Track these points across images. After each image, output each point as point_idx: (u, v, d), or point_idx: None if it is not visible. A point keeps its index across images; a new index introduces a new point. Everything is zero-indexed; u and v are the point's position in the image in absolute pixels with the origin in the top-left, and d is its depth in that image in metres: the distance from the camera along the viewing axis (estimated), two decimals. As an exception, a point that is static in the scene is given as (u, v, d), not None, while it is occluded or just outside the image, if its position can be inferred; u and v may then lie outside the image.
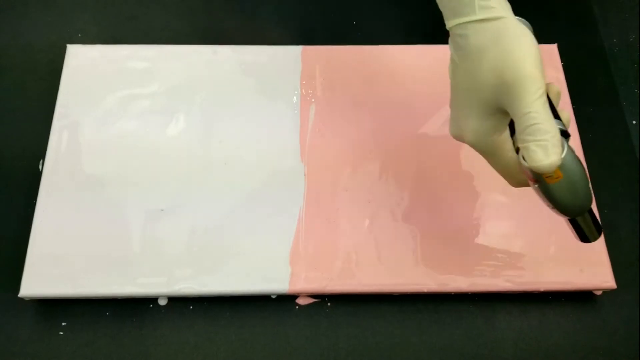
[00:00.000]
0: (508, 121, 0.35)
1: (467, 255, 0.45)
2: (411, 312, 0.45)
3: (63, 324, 0.44)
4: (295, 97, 0.51)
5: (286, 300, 0.45)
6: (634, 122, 0.54)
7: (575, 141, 0.50)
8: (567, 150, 0.32)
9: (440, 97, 0.51)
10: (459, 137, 0.37)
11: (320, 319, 0.45)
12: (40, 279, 0.43)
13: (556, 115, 0.33)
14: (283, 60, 0.53)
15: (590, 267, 0.45)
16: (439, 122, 0.50)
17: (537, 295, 0.46)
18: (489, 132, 0.35)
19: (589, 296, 0.46)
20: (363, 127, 0.50)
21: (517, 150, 0.34)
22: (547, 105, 0.31)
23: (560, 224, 0.46)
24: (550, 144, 0.31)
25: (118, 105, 0.50)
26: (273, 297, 0.45)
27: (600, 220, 0.46)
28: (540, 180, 0.33)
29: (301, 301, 0.46)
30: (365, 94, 0.52)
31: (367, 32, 0.57)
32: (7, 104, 0.53)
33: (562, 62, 0.54)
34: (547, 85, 0.34)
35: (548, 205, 0.35)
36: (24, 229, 0.46)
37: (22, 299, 0.44)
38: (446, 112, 0.51)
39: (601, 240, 0.46)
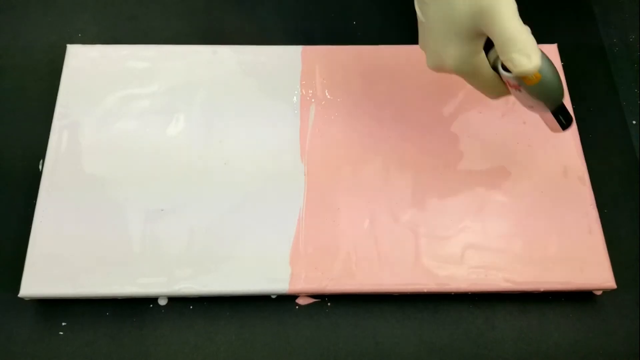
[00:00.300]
0: (484, 42, 0.39)
1: (467, 255, 0.45)
2: (411, 312, 0.45)
3: (63, 324, 0.45)
4: (295, 97, 0.51)
5: (286, 300, 0.46)
6: (634, 122, 0.54)
7: (575, 141, 0.50)
8: (542, 54, 0.37)
9: (441, 97, 0.52)
10: (438, 67, 0.41)
11: (320, 319, 0.45)
12: (40, 279, 0.43)
13: None
14: (283, 60, 0.53)
15: (590, 267, 0.45)
16: (439, 121, 0.50)
17: (537, 295, 0.46)
18: (469, 56, 0.39)
19: (589, 296, 0.46)
20: (363, 127, 0.50)
21: (493, 66, 0.40)
22: (520, 20, 0.36)
23: (560, 224, 0.47)
24: (530, 50, 0.35)
25: (118, 105, 0.50)
26: (273, 297, 0.45)
27: (601, 220, 0.47)
28: (522, 84, 0.37)
29: (301, 301, 0.46)
30: (365, 94, 0.52)
31: (367, 32, 0.57)
32: (7, 104, 0.53)
33: (562, 62, 0.54)
34: None
35: (528, 106, 0.41)
36: (24, 229, 0.46)
37: (22, 299, 0.44)
38: (447, 111, 0.51)
39: (601, 240, 0.46)
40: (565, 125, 0.42)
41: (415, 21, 0.42)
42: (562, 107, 0.41)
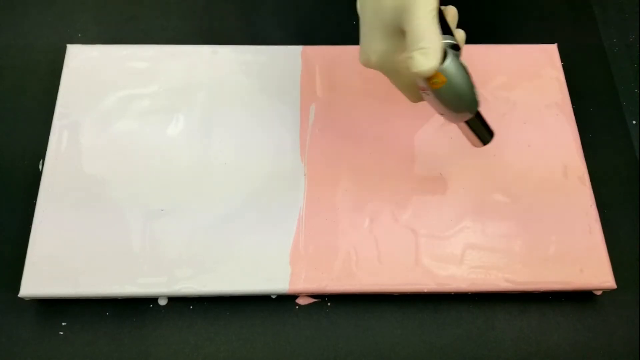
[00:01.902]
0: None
1: (467, 255, 0.45)
2: (411, 312, 0.45)
3: (63, 324, 0.45)
4: (295, 97, 0.51)
5: (286, 300, 0.46)
6: (634, 122, 0.54)
7: (575, 141, 0.50)
8: (452, 59, 0.36)
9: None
10: (366, 62, 0.40)
11: (320, 319, 0.45)
12: (40, 279, 0.43)
13: (450, 32, 0.39)
14: (283, 60, 0.53)
15: (590, 267, 0.45)
16: (439, 122, 0.50)
17: (537, 295, 0.46)
18: (390, 52, 0.38)
19: (589, 296, 0.46)
20: (363, 127, 0.50)
21: None
22: (434, 21, 0.36)
23: (560, 224, 0.47)
24: (430, 50, 0.35)
25: (118, 105, 0.50)
26: (273, 297, 0.45)
27: (601, 220, 0.47)
28: (428, 88, 0.37)
29: (301, 301, 0.46)
30: (365, 94, 0.52)
31: (367, 32, 0.57)
32: (7, 104, 0.53)
33: (562, 62, 0.54)
34: (445, 8, 0.40)
35: (440, 113, 0.40)
36: (24, 229, 0.46)
37: (22, 299, 0.44)
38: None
39: (601, 240, 0.46)
40: (484, 140, 0.42)
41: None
42: (477, 120, 0.40)
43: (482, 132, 0.41)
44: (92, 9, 0.58)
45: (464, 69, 0.37)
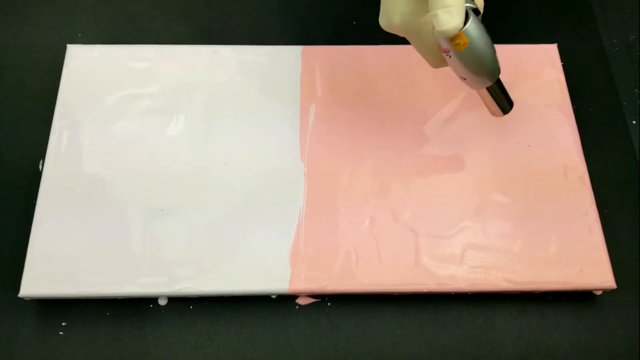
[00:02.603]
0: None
1: (467, 255, 0.45)
2: (411, 312, 0.45)
3: (63, 324, 0.45)
4: (295, 97, 0.51)
5: (286, 300, 0.46)
6: (634, 122, 0.54)
7: (575, 141, 0.50)
8: (473, 20, 0.37)
9: (441, 97, 0.52)
10: (387, 25, 0.40)
11: (320, 319, 0.45)
12: (40, 279, 0.43)
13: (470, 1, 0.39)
14: (283, 60, 0.53)
15: (590, 267, 0.45)
16: (439, 122, 0.50)
17: (537, 295, 0.46)
18: (413, 13, 0.39)
19: (589, 296, 0.46)
20: (363, 127, 0.50)
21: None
22: None
23: (560, 224, 0.47)
24: (454, 9, 0.35)
25: (118, 105, 0.50)
26: (273, 297, 0.45)
27: (601, 220, 0.47)
28: (451, 49, 0.37)
29: (301, 301, 0.46)
30: (365, 94, 0.52)
31: (367, 32, 0.57)
32: (7, 104, 0.53)
33: (562, 62, 0.54)
34: None
35: (462, 78, 0.40)
36: (24, 229, 0.46)
37: (22, 299, 0.44)
38: (447, 111, 0.51)
39: (601, 240, 0.46)
40: (505, 109, 0.43)
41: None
42: (498, 88, 0.41)
43: (502, 100, 0.42)
44: (92, 9, 0.58)
45: (486, 32, 0.38)
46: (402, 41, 0.54)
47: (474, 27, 0.37)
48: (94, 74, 0.51)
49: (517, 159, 0.49)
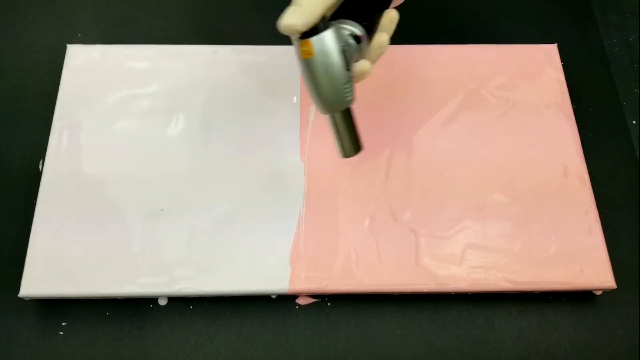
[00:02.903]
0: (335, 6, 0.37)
1: (467, 255, 0.45)
2: (411, 312, 0.45)
3: (63, 324, 0.45)
4: (295, 97, 0.51)
5: (286, 300, 0.46)
6: (634, 122, 0.54)
7: (575, 141, 0.50)
8: (330, 36, 0.35)
9: (441, 97, 0.52)
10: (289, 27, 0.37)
11: (320, 319, 0.45)
12: (40, 279, 0.43)
13: (371, 29, 0.38)
14: (283, 60, 0.53)
15: (590, 267, 0.45)
16: (439, 122, 0.50)
17: (537, 295, 0.46)
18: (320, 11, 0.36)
19: (589, 296, 0.46)
20: (363, 127, 0.50)
21: None
22: None
23: (560, 224, 0.47)
24: (302, 10, 0.34)
25: (118, 105, 0.50)
26: (273, 297, 0.45)
27: (601, 220, 0.47)
28: (297, 52, 0.35)
29: (301, 301, 0.46)
30: (365, 94, 0.51)
31: (367, 32, 0.57)
32: (7, 104, 0.53)
33: (562, 62, 0.54)
34: (388, 11, 0.39)
35: (309, 92, 0.37)
36: (24, 229, 0.46)
37: (22, 299, 0.44)
38: (447, 111, 0.51)
39: (601, 240, 0.46)
40: (345, 151, 0.39)
41: (415, 21, 0.42)
42: (342, 123, 0.38)
43: (342, 138, 0.39)
44: (92, 9, 0.58)
45: (343, 56, 0.35)
46: (402, 41, 0.55)
47: (325, 43, 0.35)
48: (94, 74, 0.51)
49: (517, 159, 0.49)
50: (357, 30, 0.37)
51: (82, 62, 0.52)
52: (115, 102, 0.50)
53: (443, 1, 0.59)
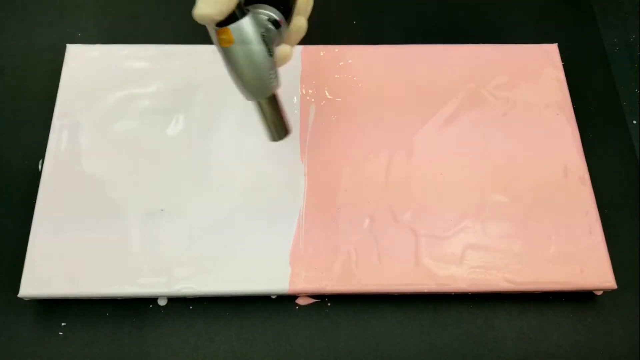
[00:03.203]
0: None
1: (467, 255, 0.45)
2: (411, 312, 0.45)
3: (63, 324, 0.45)
4: (295, 97, 0.51)
5: (286, 300, 0.45)
6: (634, 122, 0.54)
7: (575, 141, 0.50)
8: (247, 22, 0.34)
9: (441, 96, 0.52)
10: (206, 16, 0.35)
11: (320, 319, 0.45)
12: (40, 279, 0.43)
13: (287, 13, 0.37)
14: (283, 60, 0.53)
15: (590, 267, 0.45)
16: (439, 122, 0.50)
17: (537, 296, 0.46)
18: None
19: (589, 296, 0.46)
20: (363, 127, 0.50)
21: None
22: None
23: (560, 224, 0.47)
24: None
25: (118, 105, 0.50)
26: (273, 297, 0.45)
27: (601, 220, 0.47)
28: (215, 42, 0.34)
29: (301, 301, 0.46)
30: (365, 94, 0.52)
31: (367, 32, 0.57)
32: (7, 103, 0.53)
33: (562, 62, 0.54)
34: None
35: (233, 81, 0.36)
36: (24, 229, 0.46)
37: (22, 299, 0.44)
38: (447, 110, 0.51)
39: (601, 240, 0.46)
40: (273, 135, 0.39)
41: (415, 21, 0.42)
42: (269, 109, 0.38)
43: (271, 124, 0.39)
44: (92, 9, 0.58)
45: (264, 43, 0.35)
46: (402, 41, 0.55)
47: (245, 31, 0.34)
48: (93, 74, 0.51)
49: (517, 158, 0.49)
50: (275, 14, 0.37)
51: (82, 62, 0.52)
52: (115, 102, 0.50)
53: (443, 1, 0.59)
